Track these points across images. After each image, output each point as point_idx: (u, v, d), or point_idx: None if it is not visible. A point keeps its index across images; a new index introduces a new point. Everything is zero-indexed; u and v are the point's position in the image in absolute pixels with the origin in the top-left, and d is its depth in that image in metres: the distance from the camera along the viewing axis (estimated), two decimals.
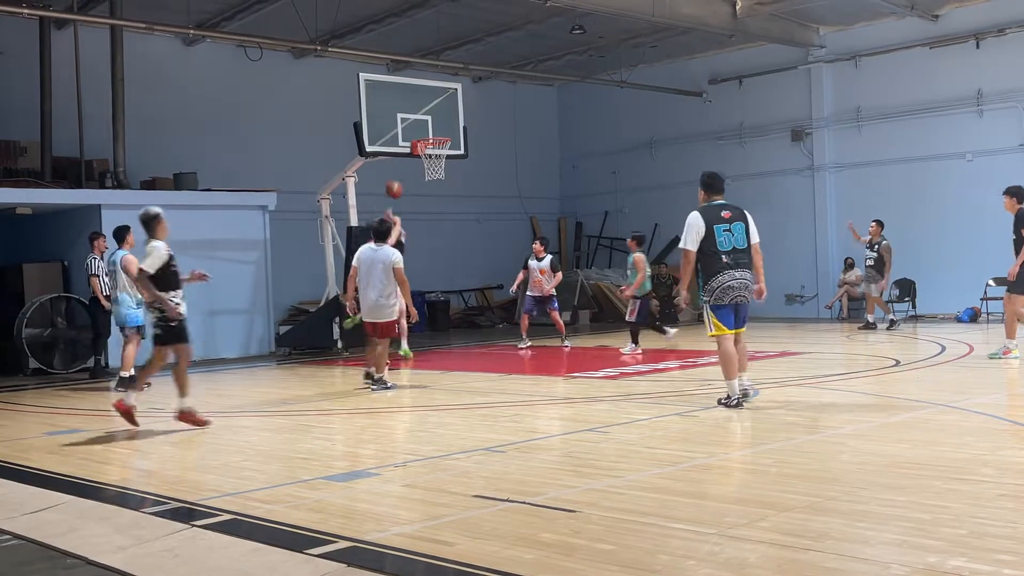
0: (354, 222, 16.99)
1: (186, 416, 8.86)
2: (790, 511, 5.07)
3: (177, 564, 4.71)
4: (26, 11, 15.40)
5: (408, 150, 16.07)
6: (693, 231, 8.74)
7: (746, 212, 9.06)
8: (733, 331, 8.76)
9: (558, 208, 26.18)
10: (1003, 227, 18.38)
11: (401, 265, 11.09)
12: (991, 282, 18.27)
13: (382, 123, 15.89)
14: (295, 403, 10.80)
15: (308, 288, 19.05)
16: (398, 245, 12.50)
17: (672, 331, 16.21)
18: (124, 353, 12.12)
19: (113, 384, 12.21)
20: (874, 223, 17.45)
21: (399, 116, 16.06)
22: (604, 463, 6.85)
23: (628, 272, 15.42)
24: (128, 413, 8.85)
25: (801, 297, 21.46)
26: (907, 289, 19.47)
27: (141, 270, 8.79)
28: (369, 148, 15.84)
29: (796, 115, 21.48)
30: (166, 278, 8.81)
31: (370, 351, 11.49)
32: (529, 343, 16.13)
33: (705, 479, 5.99)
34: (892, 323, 17.36)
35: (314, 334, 16.87)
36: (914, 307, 19.41)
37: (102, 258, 13.37)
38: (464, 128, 16.84)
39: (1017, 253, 11.71)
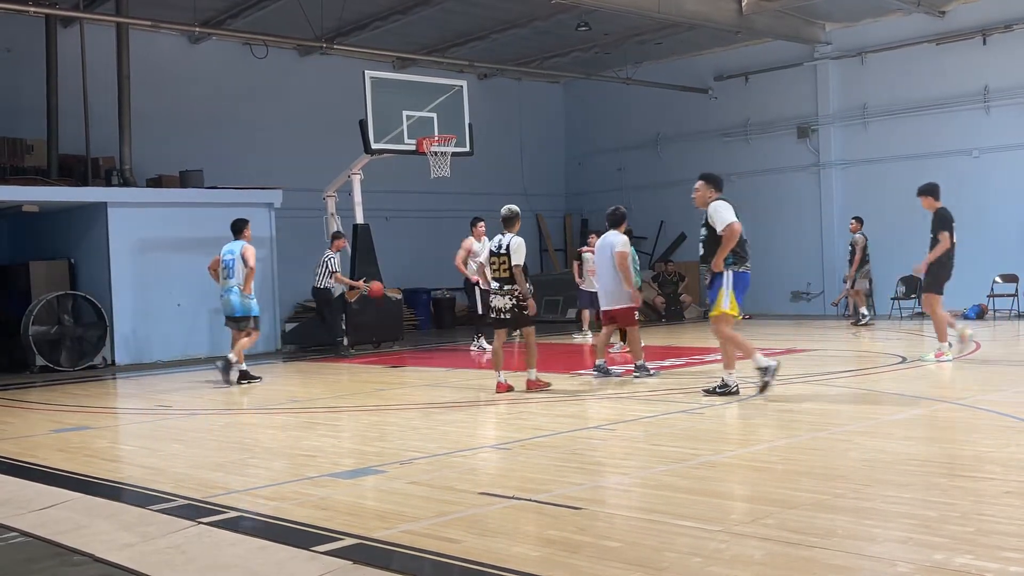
0: (360, 219, 17.02)
1: (533, 384, 10.26)
2: (796, 508, 5.06)
3: (184, 561, 4.72)
4: (32, 9, 15.43)
5: (414, 147, 16.09)
6: (731, 211, 9.10)
7: None
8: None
9: (564, 205, 26.17)
10: (1009, 224, 18.45)
11: (624, 250, 11.09)
12: (998, 279, 18.23)
13: (388, 120, 15.91)
14: (301, 401, 10.82)
15: None
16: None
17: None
18: (237, 345, 12.26)
19: (234, 377, 12.11)
20: (853, 220, 17.61)
21: (405, 113, 16.08)
22: (610, 460, 6.86)
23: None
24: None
25: (807, 294, 21.43)
26: (913, 286, 19.41)
27: (516, 265, 10.12)
28: (375, 145, 15.85)
29: (802, 112, 21.45)
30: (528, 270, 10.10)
31: (602, 339, 11.48)
32: (589, 334, 15.98)
33: (711, 476, 5.99)
34: (862, 318, 17.60)
35: (320, 331, 16.88)
36: (920, 304, 19.34)
37: (339, 255, 15.53)
38: (469, 125, 16.85)
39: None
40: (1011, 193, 18.52)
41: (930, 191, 12.22)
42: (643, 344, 14.42)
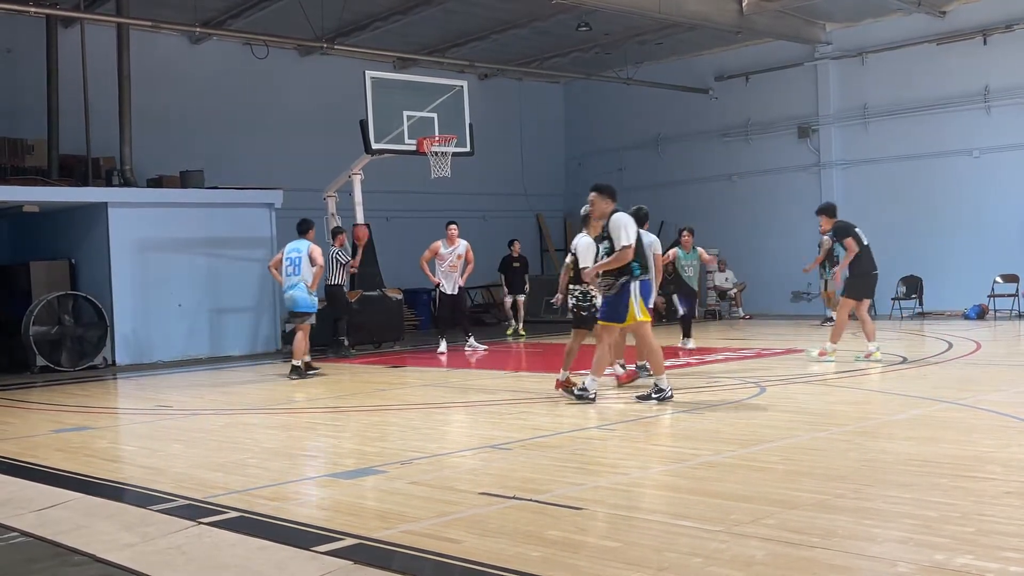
0: (360, 219, 17.02)
1: (561, 384, 9.80)
2: (797, 508, 5.06)
3: (184, 561, 4.72)
4: (33, 10, 15.43)
5: (414, 147, 16.08)
6: (632, 227, 8.92)
7: None
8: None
9: (564, 205, 26.15)
10: (1010, 224, 18.45)
11: (659, 251, 11.15)
12: (999, 279, 18.23)
13: (388, 121, 15.91)
14: (301, 401, 10.82)
15: None
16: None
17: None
18: (296, 341, 12.62)
19: (288, 373, 12.60)
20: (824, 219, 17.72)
21: (405, 114, 16.08)
22: (610, 460, 6.86)
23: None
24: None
25: (807, 294, 21.41)
26: (914, 286, 19.44)
27: (582, 268, 9.77)
28: (375, 145, 15.85)
29: (803, 112, 21.44)
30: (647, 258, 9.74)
31: (619, 338, 11.23)
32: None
33: (711, 476, 5.99)
34: (830, 320, 17.71)
35: (321, 332, 16.87)
36: (921, 304, 19.38)
37: (341, 249, 15.53)
38: (470, 125, 16.84)
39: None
40: (1012, 193, 18.52)
41: (824, 210, 12.54)
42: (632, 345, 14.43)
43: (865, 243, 11.93)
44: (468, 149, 16.79)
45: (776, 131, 21.91)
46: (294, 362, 12.59)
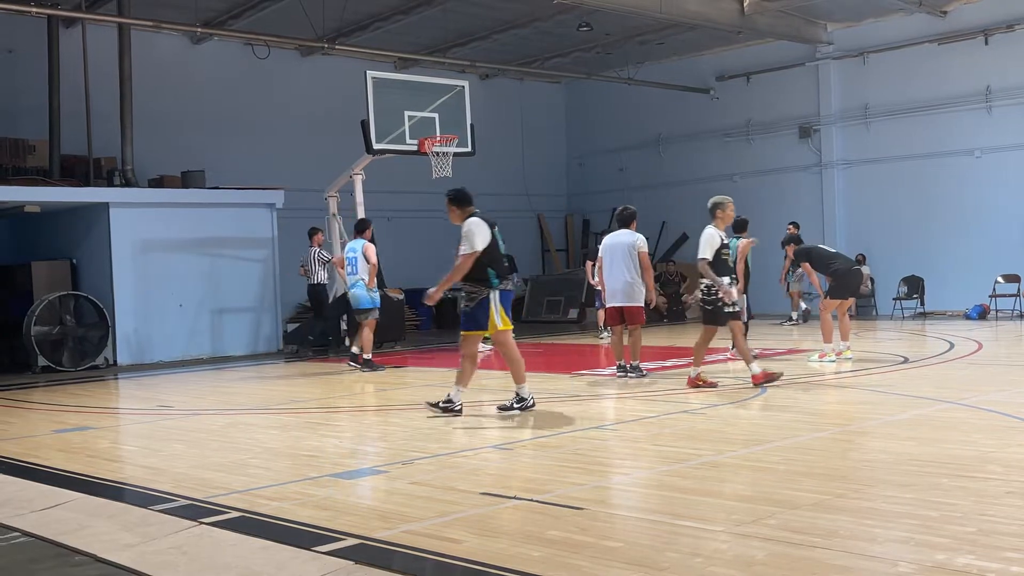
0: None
1: (758, 377, 9.80)
2: (798, 508, 5.06)
3: (185, 562, 4.72)
4: (34, 10, 15.44)
5: (415, 148, 16.07)
6: (481, 234, 8.55)
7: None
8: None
9: (565, 205, 26.17)
10: (1011, 224, 18.44)
11: (645, 249, 11.06)
12: (1000, 279, 18.22)
13: (389, 121, 15.89)
14: (303, 401, 10.81)
15: None
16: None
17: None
18: (363, 337, 13.10)
19: (360, 367, 13.02)
20: (791, 225, 18.07)
21: (406, 114, 16.05)
22: (611, 460, 6.86)
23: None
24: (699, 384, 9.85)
25: (808, 294, 21.39)
26: (915, 286, 19.43)
27: (699, 259, 9.86)
28: (376, 146, 15.84)
29: (804, 112, 21.44)
30: (718, 264, 9.78)
31: (616, 339, 11.41)
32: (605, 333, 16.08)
33: (712, 476, 5.99)
34: (791, 319, 18.50)
35: (322, 332, 16.89)
36: (922, 304, 19.37)
37: (321, 249, 15.78)
38: (471, 125, 16.83)
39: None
40: (1013, 193, 18.52)
41: (791, 240, 13.35)
42: (643, 343, 14.45)
43: (832, 251, 12.38)
44: (469, 149, 16.78)
45: (777, 131, 21.91)
46: (364, 355, 13.04)
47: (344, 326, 16.16)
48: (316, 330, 16.49)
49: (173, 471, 6.87)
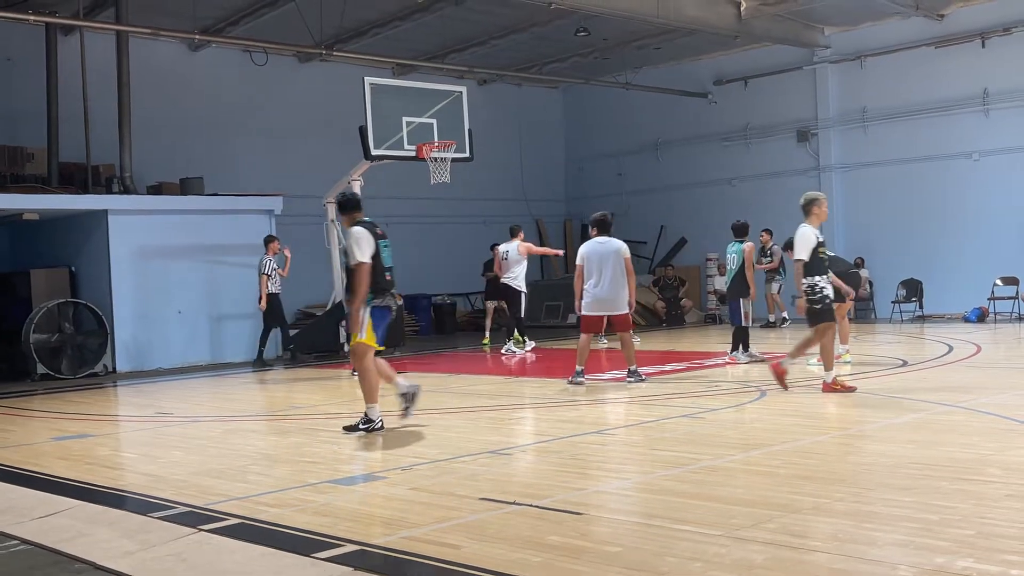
0: None
1: (829, 386, 9.45)
2: (797, 512, 5.06)
3: (185, 569, 4.72)
4: (32, 18, 15.44)
5: (413, 153, 16.06)
6: (364, 242, 8.31)
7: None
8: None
9: (564, 210, 26.17)
10: (1009, 227, 18.45)
11: (628, 255, 11.00)
12: (999, 282, 18.23)
13: (387, 127, 15.88)
14: (302, 407, 10.81)
15: (314, 292, 19.08)
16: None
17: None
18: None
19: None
20: (764, 232, 18.34)
21: (404, 119, 16.05)
22: (610, 465, 6.86)
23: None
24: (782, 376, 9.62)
25: (794, 297, 21.43)
26: (914, 289, 19.44)
27: (795, 260, 9.67)
28: (374, 152, 15.83)
29: (801, 116, 21.46)
30: (815, 263, 9.49)
31: (585, 345, 11.13)
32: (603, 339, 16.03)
33: (711, 481, 5.99)
34: (771, 323, 18.73)
35: (321, 338, 16.88)
36: (921, 307, 19.37)
37: (274, 259, 15.49)
38: (469, 131, 16.83)
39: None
40: (1011, 196, 18.52)
41: (790, 245, 13.03)
42: (637, 348, 14.49)
43: (831, 254, 12.18)
44: (468, 154, 16.77)
45: (775, 135, 21.93)
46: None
47: (343, 333, 16.15)
48: (288, 340, 16.49)
49: (172, 478, 6.87)
